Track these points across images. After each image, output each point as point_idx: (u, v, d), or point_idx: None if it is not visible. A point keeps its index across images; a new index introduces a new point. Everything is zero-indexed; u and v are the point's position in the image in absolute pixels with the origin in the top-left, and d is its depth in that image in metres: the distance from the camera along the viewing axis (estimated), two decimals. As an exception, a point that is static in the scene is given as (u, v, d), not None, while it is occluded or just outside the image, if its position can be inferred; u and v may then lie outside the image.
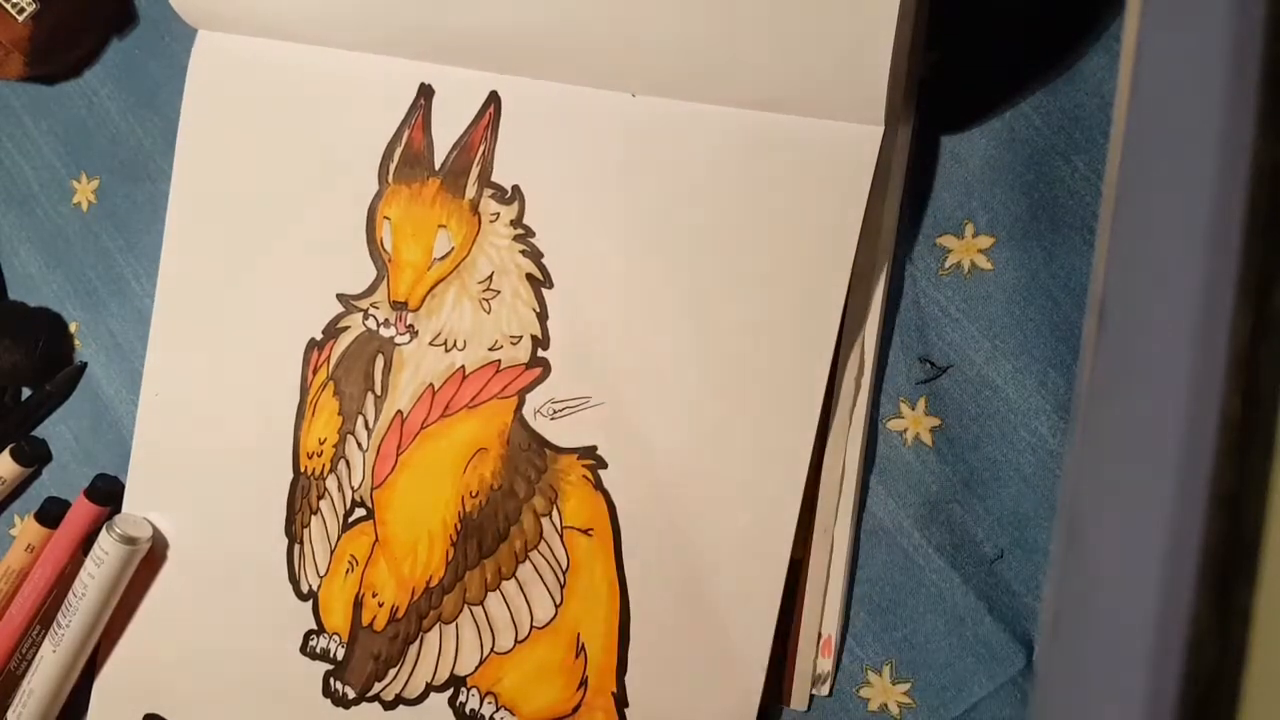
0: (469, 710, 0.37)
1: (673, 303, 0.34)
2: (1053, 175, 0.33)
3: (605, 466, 0.35)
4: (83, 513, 0.41)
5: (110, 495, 0.42)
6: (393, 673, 0.38)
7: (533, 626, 0.36)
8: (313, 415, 0.39)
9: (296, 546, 0.39)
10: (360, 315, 0.38)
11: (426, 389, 0.37)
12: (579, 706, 0.36)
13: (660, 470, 0.35)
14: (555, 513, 0.36)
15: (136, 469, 0.42)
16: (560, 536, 0.36)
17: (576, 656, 0.36)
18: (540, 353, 0.36)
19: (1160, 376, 0.18)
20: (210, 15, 0.39)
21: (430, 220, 0.37)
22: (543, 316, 0.36)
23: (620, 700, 0.35)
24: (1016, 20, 0.33)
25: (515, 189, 0.36)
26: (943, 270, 0.34)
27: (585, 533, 0.36)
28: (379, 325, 0.38)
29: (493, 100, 0.36)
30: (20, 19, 0.41)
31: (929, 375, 0.34)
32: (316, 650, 0.39)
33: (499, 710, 0.37)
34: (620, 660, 0.35)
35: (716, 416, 0.34)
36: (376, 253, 0.38)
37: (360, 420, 0.38)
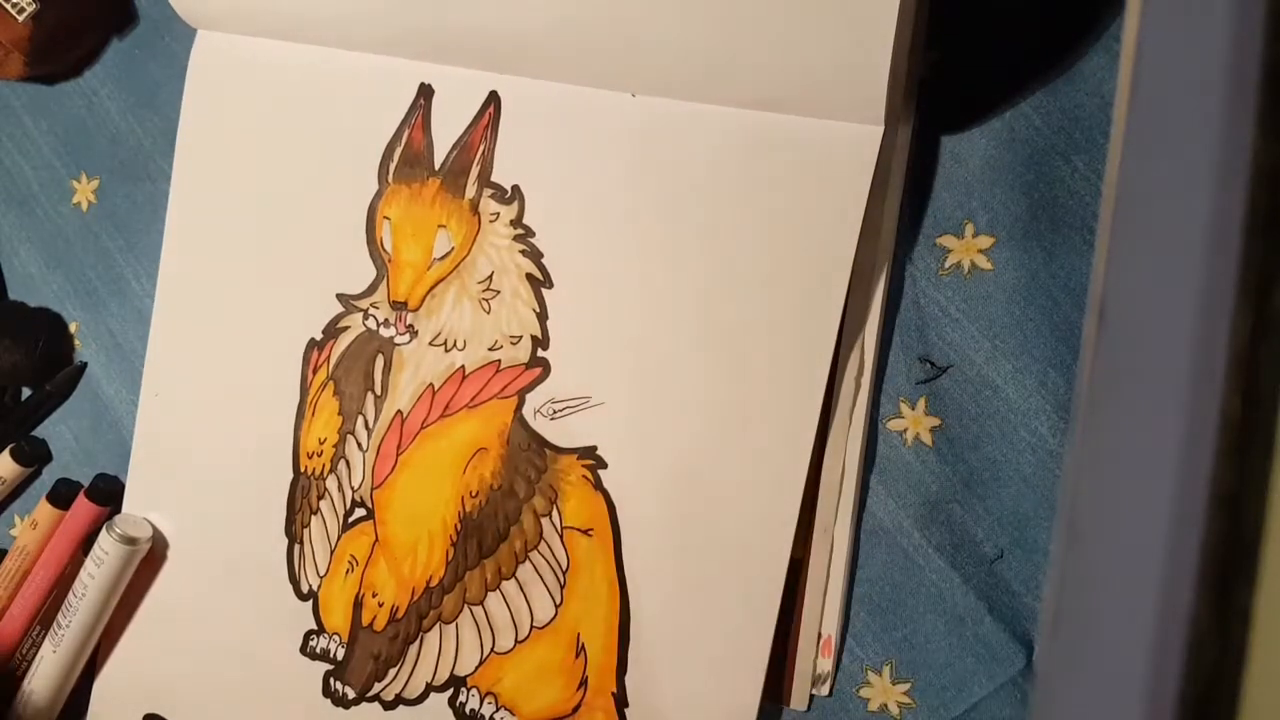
0: (469, 710, 0.37)
1: (673, 303, 0.34)
2: (1053, 175, 0.33)
3: (605, 466, 0.35)
4: (83, 513, 0.41)
5: (110, 495, 0.42)
6: (393, 673, 0.38)
7: (533, 626, 0.36)
8: (313, 415, 0.39)
9: (296, 546, 0.39)
10: (360, 315, 0.38)
11: (426, 389, 0.37)
12: (579, 706, 0.36)
13: (660, 470, 0.35)
14: (555, 513, 0.36)
15: (136, 469, 0.42)
16: (560, 536, 0.36)
17: (576, 656, 0.36)
18: (540, 353, 0.36)
19: (1160, 376, 0.18)
20: (210, 15, 0.39)
21: (430, 220, 0.37)
22: (542, 316, 0.36)
23: (620, 700, 0.35)
24: (1016, 20, 0.33)
25: (515, 189, 0.36)
26: (943, 270, 0.34)
27: (585, 533, 0.36)
28: (379, 325, 0.38)
29: (492, 100, 0.36)
30: (20, 19, 0.41)
31: (929, 375, 0.34)
32: (316, 650, 0.39)
33: (499, 710, 0.37)
34: (620, 660, 0.35)
35: (716, 416, 0.34)
36: (376, 253, 0.38)
37: (360, 420, 0.38)
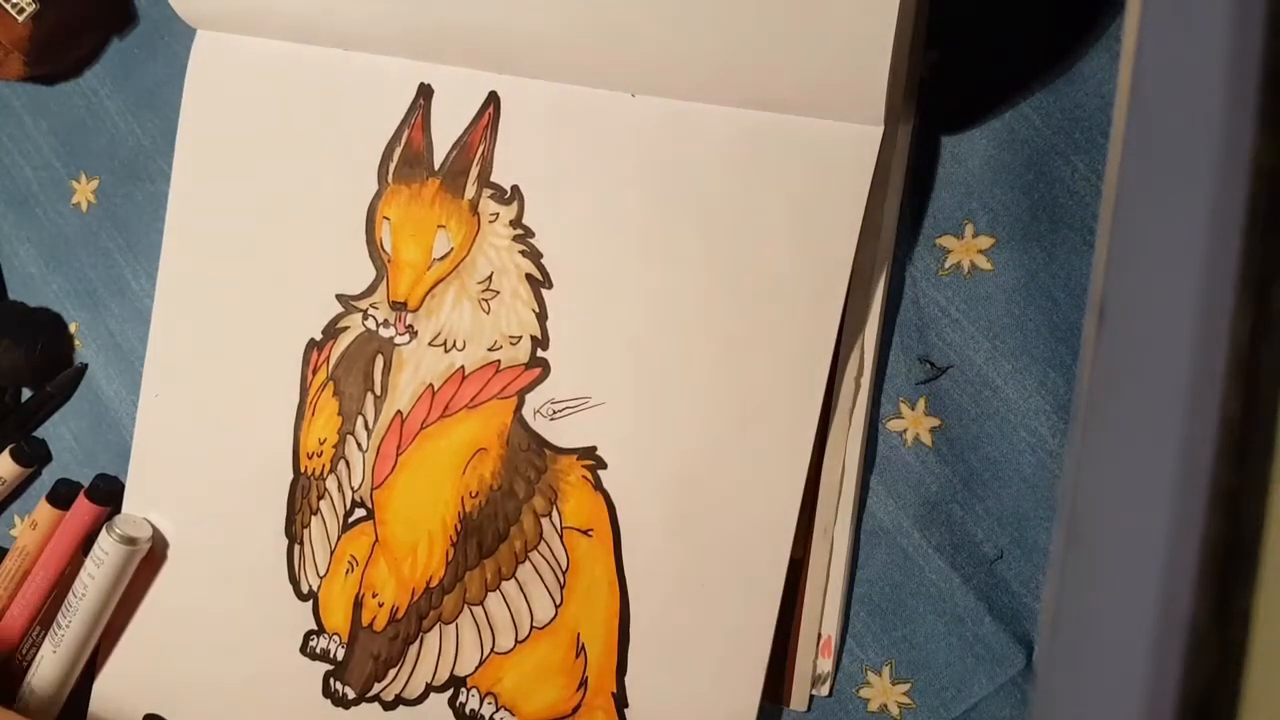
0: (469, 710, 0.37)
1: (672, 303, 0.34)
2: (1053, 175, 0.33)
3: (605, 466, 0.35)
4: (83, 513, 0.41)
5: (110, 495, 0.42)
6: (393, 673, 0.38)
7: (533, 627, 0.36)
8: (312, 415, 0.39)
9: (296, 546, 0.39)
10: (360, 315, 0.38)
11: (426, 389, 0.37)
12: (579, 706, 0.36)
13: (660, 470, 0.35)
14: (555, 513, 0.36)
15: (136, 469, 0.42)
16: (560, 537, 0.36)
17: (576, 657, 0.36)
18: (540, 353, 0.36)
19: (1160, 376, 0.18)
20: (210, 15, 0.39)
21: (430, 220, 0.37)
22: (542, 316, 0.36)
23: (620, 700, 0.35)
24: (1016, 20, 0.33)
25: (514, 189, 0.36)
26: (943, 270, 0.34)
27: (585, 533, 0.36)
28: (378, 325, 0.38)
29: (492, 100, 0.36)
30: (20, 19, 0.41)
31: (929, 375, 0.34)
32: (316, 650, 0.39)
33: (499, 710, 0.37)
34: (620, 660, 0.35)
35: (716, 416, 0.34)
36: (376, 253, 0.38)
37: (360, 420, 0.38)
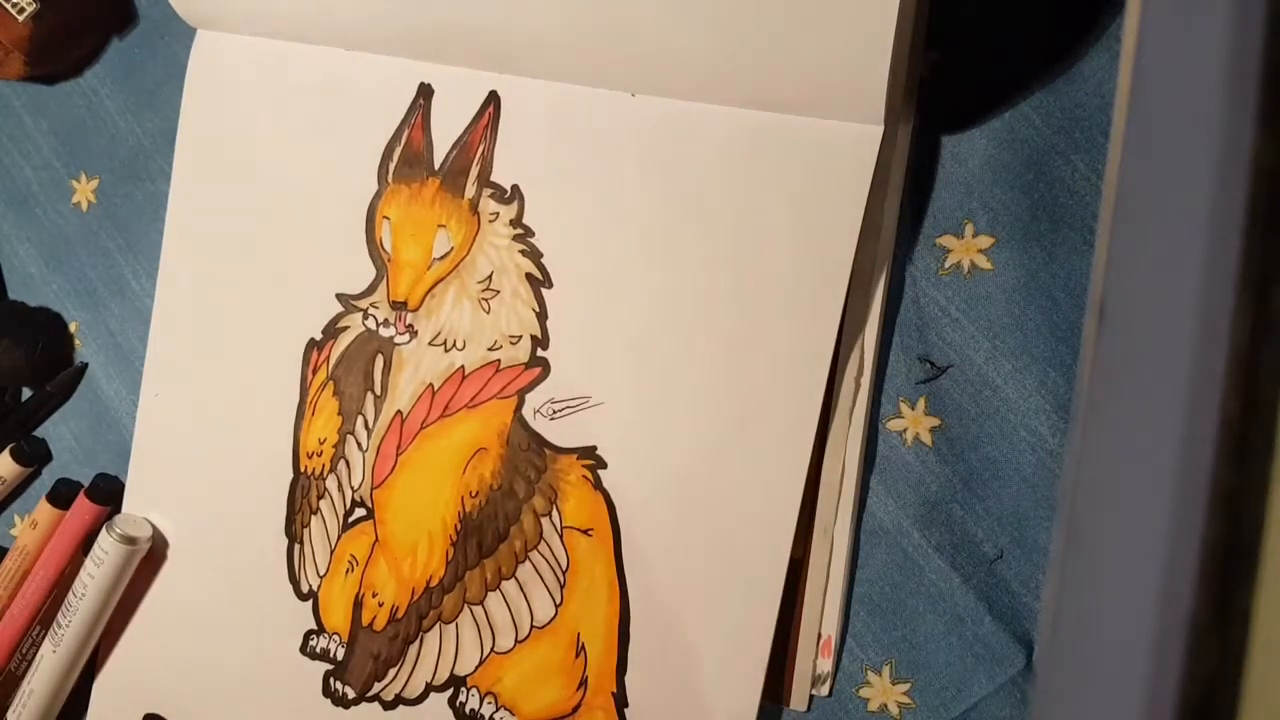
0: (469, 710, 0.37)
1: (672, 303, 0.34)
2: (1053, 175, 0.33)
3: (605, 466, 0.35)
4: (83, 513, 0.41)
5: (110, 495, 0.42)
6: (393, 673, 0.38)
7: (533, 626, 0.36)
8: (312, 415, 0.39)
9: (296, 546, 0.39)
10: (360, 315, 0.38)
11: (426, 389, 0.37)
12: (579, 706, 0.36)
13: (660, 470, 0.35)
14: (555, 513, 0.36)
15: (136, 469, 0.42)
16: (560, 536, 0.36)
17: (576, 656, 0.36)
18: (540, 353, 0.36)
19: (1160, 376, 0.18)
20: (210, 15, 0.39)
21: (430, 220, 0.37)
22: (542, 316, 0.36)
23: (620, 700, 0.35)
24: (1016, 20, 0.33)
25: (515, 189, 0.36)
26: (943, 270, 0.34)
27: (585, 533, 0.36)
28: (378, 325, 0.38)
29: (492, 100, 0.36)
30: (20, 19, 0.41)
31: (929, 375, 0.34)
32: (316, 650, 0.39)
33: (499, 710, 0.37)
34: (620, 660, 0.35)
35: (716, 416, 0.34)
36: (376, 252, 0.38)
37: (360, 420, 0.38)
